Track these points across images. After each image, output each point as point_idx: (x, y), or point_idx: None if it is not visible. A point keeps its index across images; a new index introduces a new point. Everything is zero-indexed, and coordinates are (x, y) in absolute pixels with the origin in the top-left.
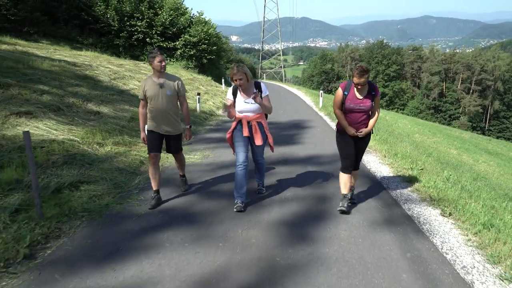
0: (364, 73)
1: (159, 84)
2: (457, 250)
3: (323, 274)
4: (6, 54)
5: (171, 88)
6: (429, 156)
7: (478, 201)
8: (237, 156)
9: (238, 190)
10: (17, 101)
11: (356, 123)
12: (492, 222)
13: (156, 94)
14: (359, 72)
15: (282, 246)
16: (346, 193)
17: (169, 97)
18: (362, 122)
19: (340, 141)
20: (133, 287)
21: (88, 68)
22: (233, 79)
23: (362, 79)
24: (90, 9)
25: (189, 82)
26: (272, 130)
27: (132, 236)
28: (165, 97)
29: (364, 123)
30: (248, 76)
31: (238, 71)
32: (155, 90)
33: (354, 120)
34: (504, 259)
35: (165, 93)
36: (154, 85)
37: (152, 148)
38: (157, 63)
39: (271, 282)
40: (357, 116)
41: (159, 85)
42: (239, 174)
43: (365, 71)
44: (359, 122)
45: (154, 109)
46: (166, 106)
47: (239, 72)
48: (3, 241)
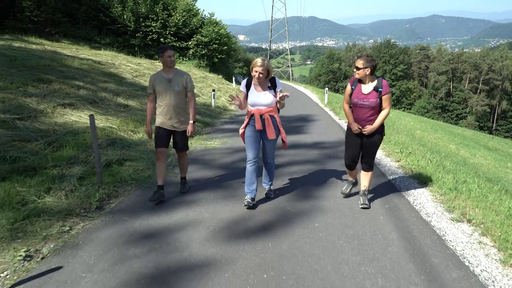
0: (363, 59)
1: (168, 79)
2: (424, 204)
3: (322, 216)
4: (39, 54)
5: (180, 83)
6: (422, 146)
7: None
8: (247, 153)
9: (249, 186)
10: (59, 94)
11: (362, 119)
12: (457, 187)
13: (165, 89)
14: (359, 57)
15: (291, 201)
16: (351, 179)
17: (177, 92)
18: (368, 119)
19: (347, 139)
20: (183, 224)
21: (111, 66)
22: (253, 70)
23: (360, 64)
24: (108, 10)
25: (201, 80)
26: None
27: (174, 195)
28: (173, 92)
29: (370, 120)
30: (270, 73)
31: (263, 65)
32: (164, 85)
33: (360, 116)
34: (458, 209)
35: (173, 88)
36: (163, 80)
37: (160, 143)
38: (167, 57)
39: (284, 221)
40: (362, 111)
41: (168, 80)
42: (249, 171)
43: (363, 57)
44: (365, 119)
45: (162, 104)
46: (175, 101)
47: (263, 66)
48: (78, 197)
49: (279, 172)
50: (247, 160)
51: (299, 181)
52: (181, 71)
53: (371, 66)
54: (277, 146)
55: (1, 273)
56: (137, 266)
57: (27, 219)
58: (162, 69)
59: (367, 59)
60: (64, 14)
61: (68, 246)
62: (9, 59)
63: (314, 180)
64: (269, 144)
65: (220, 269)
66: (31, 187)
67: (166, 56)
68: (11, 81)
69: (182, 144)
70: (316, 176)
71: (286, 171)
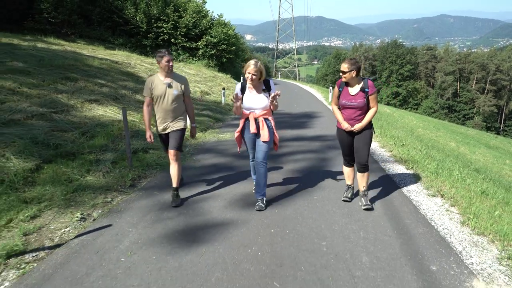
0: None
1: (167, 83)
2: (408, 184)
3: (320, 191)
4: (62, 54)
5: (178, 87)
6: (418, 141)
7: (436, 162)
8: (249, 153)
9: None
10: (85, 91)
11: (350, 119)
12: (438, 172)
13: (163, 93)
14: (344, 60)
15: (295, 180)
16: (350, 184)
17: (175, 97)
18: (357, 118)
19: (339, 138)
20: (205, 197)
21: (128, 66)
22: (246, 72)
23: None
24: (121, 12)
25: (211, 79)
26: (287, 119)
27: (195, 176)
28: (171, 96)
29: (358, 119)
30: (262, 74)
31: (255, 67)
32: (163, 89)
33: (349, 116)
34: (435, 187)
35: (172, 93)
36: (161, 84)
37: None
38: (164, 63)
39: (288, 195)
40: (351, 112)
41: (166, 84)
42: (252, 165)
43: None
44: (353, 118)
45: (160, 108)
46: (173, 105)
47: (256, 68)
48: (113, 177)
49: (285, 159)
50: (250, 158)
51: (302, 166)
52: (179, 76)
53: (355, 68)
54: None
55: (65, 229)
56: (171, 224)
57: (76, 192)
58: (160, 73)
59: (351, 62)
60: (79, 15)
61: (113, 212)
62: (37, 59)
63: (315, 165)
64: (262, 146)
65: (237, 226)
66: (74, 168)
67: (164, 61)
68: (43, 79)
69: (177, 142)
70: (317, 161)
71: (291, 158)
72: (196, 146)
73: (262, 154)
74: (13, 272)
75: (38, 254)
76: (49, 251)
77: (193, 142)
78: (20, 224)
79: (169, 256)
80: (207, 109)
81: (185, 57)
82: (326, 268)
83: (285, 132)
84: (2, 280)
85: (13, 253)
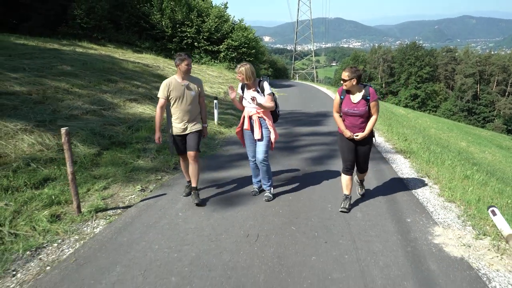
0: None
1: (185, 85)
2: (402, 168)
3: (330, 173)
4: (98, 57)
5: (195, 89)
6: (422, 137)
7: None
8: (247, 152)
9: (254, 179)
10: (125, 91)
11: (352, 126)
12: (431, 160)
13: (182, 95)
14: (344, 69)
15: (309, 165)
16: (347, 194)
17: (193, 98)
18: (359, 126)
19: (340, 145)
20: (234, 175)
21: (157, 69)
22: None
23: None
24: (148, 17)
25: (232, 81)
26: (303, 117)
27: (226, 162)
28: (189, 97)
29: (361, 127)
30: (247, 76)
31: (238, 69)
32: (181, 91)
33: (351, 123)
34: (424, 171)
35: (190, 94)
36: (179, 86)
37: (181, 150)
38: (185, 66)
39: (303, 175)
40: (353, 119)
41: (184, 86)
42: (252, 167)
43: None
44: (355, 126)
45: (178, 109)
46: (190, 106)
47: (238, 70)
48: (159, 161)
49: (302, 149)
50: (248, 159)
51: (315, 155)
52: (194, 77)
53: (356, 76)
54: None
55: (131, 196)
56: (212, 194)
57: (132, 172)
58: (177, 75)
59: (351, 70)
60: (109, 21)
61: (164, 185)
62: (81, 63)
63: (327, 154)
64: (259, 146)
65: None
66: (127, 154)
67: (184, 64)
68: (89, 81)
69: (195, 144)
70: (328, 152)
71: (307, 149)
72: (224, 140)
73: (261, 154)
74: (102, 220)
75: (116, 211)
76: (124, 209)
77: (220, 136)
78: (97, 192)
79: (214, 212)
80: (230, 108)
81: (207, 60)
82: (329, 220)
83: (301, 129)
84: (97, 225)
85: (99, 209)
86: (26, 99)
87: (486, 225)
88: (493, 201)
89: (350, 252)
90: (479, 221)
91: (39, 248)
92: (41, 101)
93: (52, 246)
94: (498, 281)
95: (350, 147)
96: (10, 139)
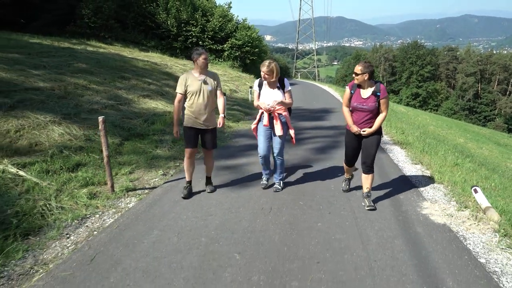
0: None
1: (202, 80)
2: (398, 157)
3: (332, 160)
4: (110, 56)
5: (212, 83)
6: (419, 132)
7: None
8: (258, 148)
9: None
10: (138, 88)
11: (360, 122)
12: (425, 150)
13: (199, 89)
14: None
15: (314, 153)
16: (348, 177)
17: (210, 92)
18: (367, 121)
19: (346, 139)
20: (245, 162)
21: (166, 67)
22: (261, 71)
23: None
24: (154, 17)
25: (237, 79)
26: (307, 113)
27: (237, 151)
28: (206, 92)
29: (368, 123)
30: (276, 74)
31: (268, 68)
32: (198, 85)
33: (359, 118)
34: (417, 159)
35: (207, 89)
36: (196, 81)
37: (190, 144)
38: (202, 60)
39: (308, 162)
40: (361, 115)
41: (201, 81)
42: (261, 163)
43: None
44: (363, 121)
45: (195, 104)
46: (208, 100)
47: (268, 69)
48: (176, 150)
49: (306, 141)
50: (258, 155)
51: (319, 145)
52: (211, 72)
53: (369, 72)
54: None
55: (154, 179)
56: (227, 177)
57: (153, 159)
58: (194, 69)
59: (365, 65)
60: (116, 20)
61: (183, 171)
62: (94, 61)
63: (329, 145)
64: (277, 140)
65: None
66: (146, 145)
67: (202, 58)
68: (104, 78)
69: (213, 142)
70: (331, 143)
71: (311, 140)
72: (233, 132)
73: (278, 149)
74: (133, 198)
75: (144, 191)
76: (150, 190)
77: (229, 130)
78: (124, 176)
79: (231, 192)
80: (237, 104)
81: (212, 59)
82: (333, 197)
83: (306, 123)
84: (130, 201)
85: (129, 189)
86: (51, 94)
87: (468, 201)
88: (479, 184)
89: (350, 220)
90: (463, 198)
91: (84, 218)
92: (64, 96)
93: (94, 216)
94: (472, 240)
95: (354, 144)
96: (42, 130)
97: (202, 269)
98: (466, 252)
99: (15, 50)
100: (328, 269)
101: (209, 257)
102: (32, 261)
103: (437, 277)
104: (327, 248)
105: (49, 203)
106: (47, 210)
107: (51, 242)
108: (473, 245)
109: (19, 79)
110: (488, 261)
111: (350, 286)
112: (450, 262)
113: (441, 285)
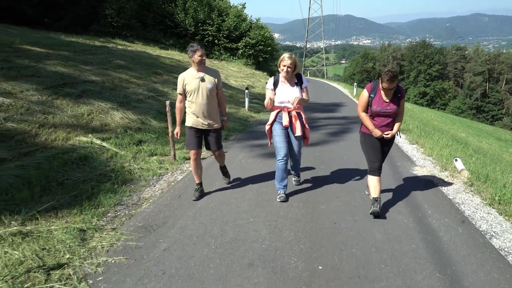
0: (395, 79)
1: (200, 77)
2: (399, 139)
3: (344, 142)
4: (140, 54)
5: (211, 81)
6: (418, 122)
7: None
8: (278, 150)
9: (281, 182)
10: (169, 82)
11: (381, 126)
12: (422, 135)
13: (197, 87)
14: (389, 78)
15: (325, 142)
16: (376, 197)
17: (209, 90)
18: (388, 124)
19: (366, 145)
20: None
21: (189, 64)
22: (281, 66)
23: (393, 85)
24: (172, 16)
25: (251, 76)
26: (318, 107)
27: (259, 136)
28: (205, 90)
29: (389, 126)
30: (297, 67)
31: (291, 59)
32: (196, 83)
33: (380, 123)
34: (414, 140)
35: (205, 87)
36: (194, 78)
37: (192, 144)
38: (197, 57)
39: (323, 147)
40: (384, 119)
41: (199, 78)
42: (280, 168)
43: (395, 77)
44: (384, 125)
45: (194, 103)
46: (207, 99)
47: (291, 60)
48: None
49: (320, 128)
50: (278, 158)
51: (332, 131)
52: (211, 69)
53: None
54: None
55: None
56: (259, 153)
57: None
58: (192, 67)
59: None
60: (137, 19)
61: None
62: (130, 58)
63: (341, 131)
64: (296, 140)
65: None
66: None
67: (197, 55)
68: (141, 73)
69: (216, 143)
70: (342, 129)
71: (324, 130)
72: (256, 121)
73: (297, 149)
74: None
75: None
76: (203, 159)
77: (252, 119)
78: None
79: (264, 163)
80: (255, 98)
81: (226, 57)
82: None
83: (319, 114)
84: (178, 175)
85: (186, 158)
86: (104, 86)
87: (450, 167)
88: (462, 159)
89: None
90: (446, 165)
91: (161, 175)
92: (113, 88)
93: (167, 174)
94: (446, 187)
95: (377, 146)
96: (106, 114)
97: (257, 200)
98: (441, 193)
99: (62, 48)
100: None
101: (261, 190)
102: (136, 197)
103: (418, 204)
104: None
105: (131, 165)
106: (131, 170)
107: (143, 188)
108: (446, 189)
109: (75, 73)
110: (454, 197)
111: (360, 210)
112: (428, 199)
113: (420, 208)
